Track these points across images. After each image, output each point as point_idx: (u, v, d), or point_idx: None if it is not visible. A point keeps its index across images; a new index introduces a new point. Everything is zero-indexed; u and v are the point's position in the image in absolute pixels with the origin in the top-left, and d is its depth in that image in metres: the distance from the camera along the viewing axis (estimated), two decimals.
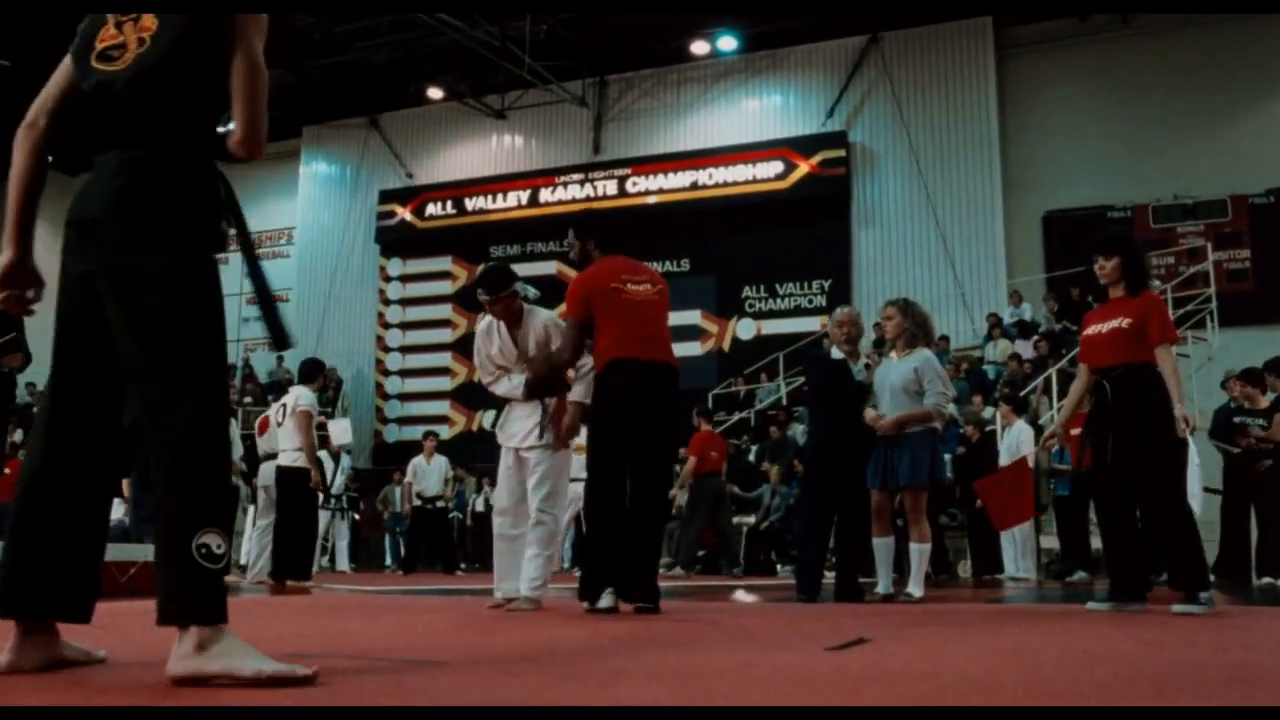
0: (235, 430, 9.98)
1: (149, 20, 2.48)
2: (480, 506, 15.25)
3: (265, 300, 2.60)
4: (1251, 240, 15.35)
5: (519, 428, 5.33)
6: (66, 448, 2.42)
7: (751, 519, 12.83)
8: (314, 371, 9.25)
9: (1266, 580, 8.89)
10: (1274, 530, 9.01)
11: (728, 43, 18.07)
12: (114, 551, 6.68)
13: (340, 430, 12.86)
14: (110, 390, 2.43)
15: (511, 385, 5.40)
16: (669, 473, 5.53)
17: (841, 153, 17.24)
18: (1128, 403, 5.18)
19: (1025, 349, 14.52)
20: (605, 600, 4.71)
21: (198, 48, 2.45)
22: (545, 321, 5.43)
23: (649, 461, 4.94)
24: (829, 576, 7.07)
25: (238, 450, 9.84)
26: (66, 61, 2.60)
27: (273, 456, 9.02)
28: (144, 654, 2.56)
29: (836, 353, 6.67)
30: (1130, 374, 5.20)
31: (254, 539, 9.70)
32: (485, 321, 5.59)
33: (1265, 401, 9.32)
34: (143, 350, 2.32)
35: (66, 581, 2.38)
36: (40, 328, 3.15)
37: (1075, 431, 10.07)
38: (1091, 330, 5.42)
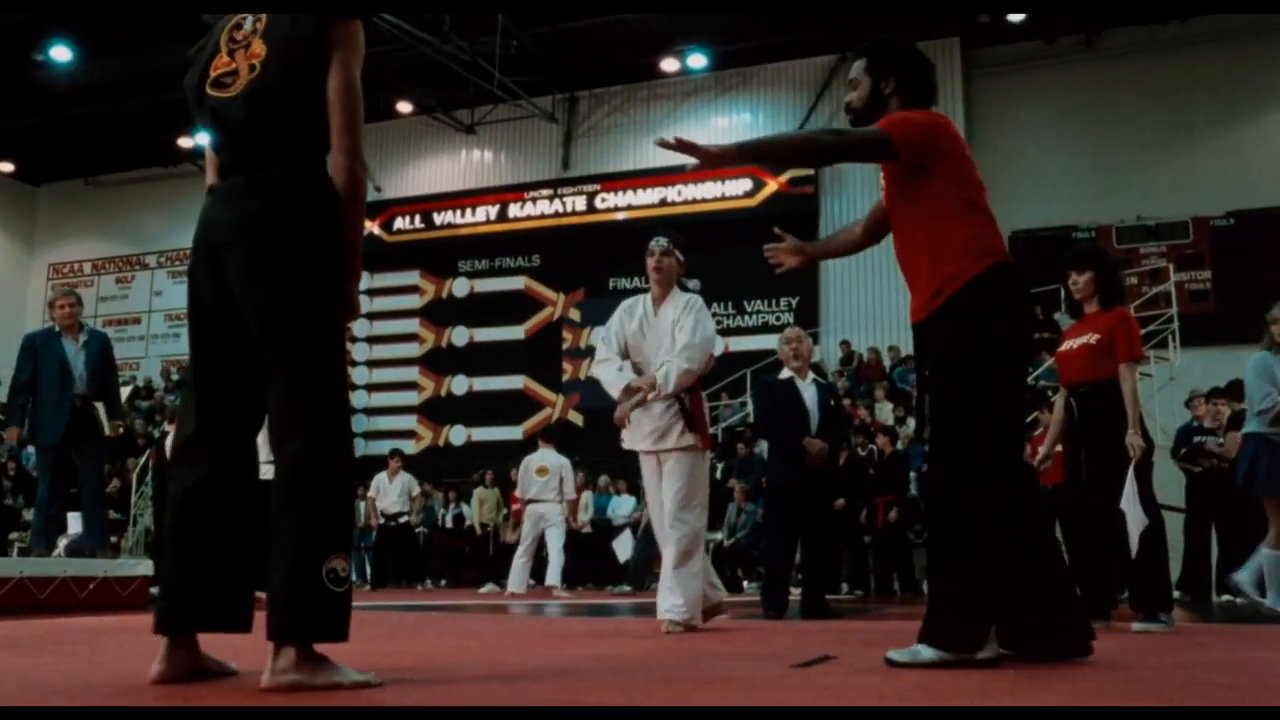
0: None
1: (258, 46, 2.57)
2: (449, 522, 15.17)
3: None
4: (1212, 262, 15.56)
5: (654, 426, 4.91)
6: (218, 462, 2.53)
7: (718, 536, 12.83)
8: None
9: (1226, 598, 8.98)
10: (1235, 549, 9.11)
11: (698, 60, 18.15)
12: (74, 567, 6.60)
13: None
14: (250, 405, 2.56)
15: (619, 375, 4.93)
16: None
17: (810, 171, 17.32)
18: (1094, 420, 5.21)
19: None
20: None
21: (310, 72, 2.53)
22: (687, 301, 5.07)
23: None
24: (795, 594, 7.08)
25: None
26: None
27: None
28: (116, 671, 2.53)
29: (785, 372, 6.77)
30: (1096, 391, 5.21)
31: None
32: (631, 300, 5.26)
33: (1226, 420, 9.45)
34: (278, 364, 2.46)
35: (228, 594, 2.54)
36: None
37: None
38: (1064, 346, 5.44)
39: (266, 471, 2.42)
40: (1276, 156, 15.55)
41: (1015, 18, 16.22)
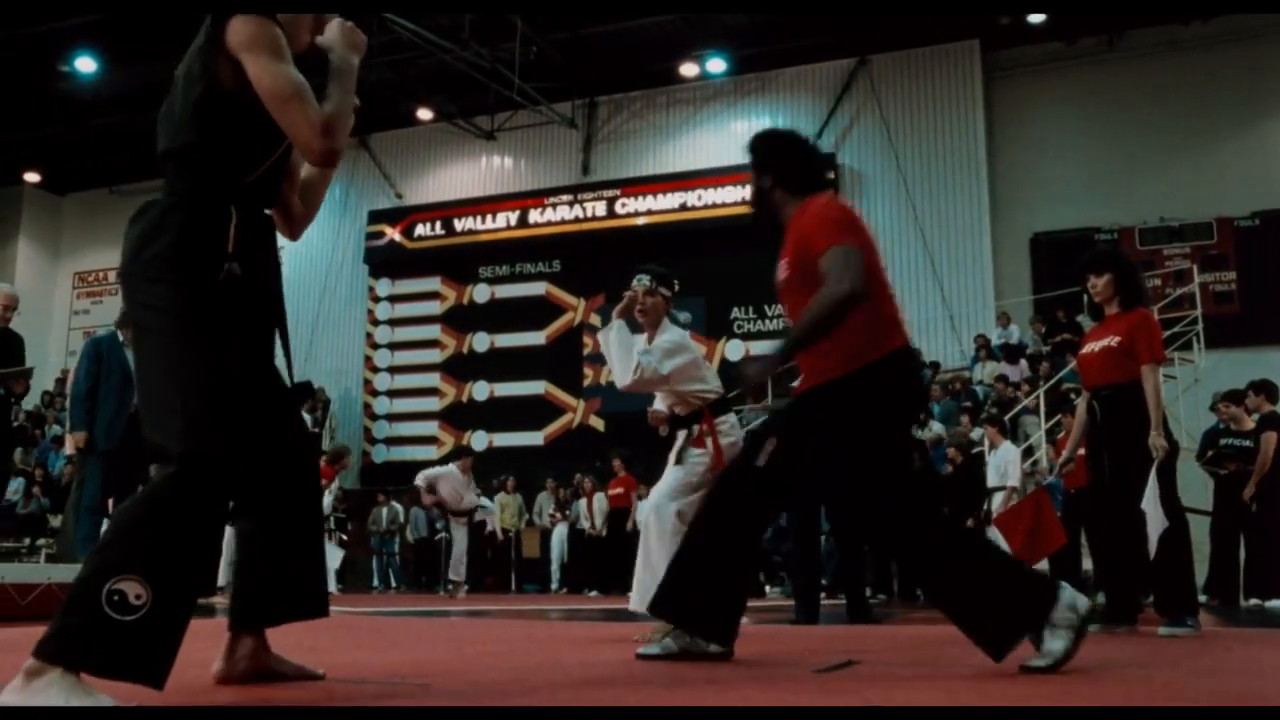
0: None
1: (185, 66, 2.54)
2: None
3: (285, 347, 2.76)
4: (1237, 262, 15.44)
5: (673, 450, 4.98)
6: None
7: None
8: (303, 393, 9.17)
9: (1254, 602, 8.91)
10: (1262, 552, 9.04)
11: (717, 65, 18.15)
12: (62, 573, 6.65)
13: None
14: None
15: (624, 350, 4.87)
16: None
17: (830, 175, 17.30)
18: (1116, 422, 5.15)
19: (1012, 371, 14.55)
20: None
21: (205, 81, 2.44)
22: (667, 335, 4.96)
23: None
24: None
25: None
26: None
27: None
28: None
29: None
30: (1119, 394, 5.14)
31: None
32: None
33: (1251, 422, 9.36)
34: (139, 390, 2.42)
35: (297, 584, 2.67)
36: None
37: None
38: (1085, 349, 5.38)
39: None
40: None
41: (1036, 19, 16.16)
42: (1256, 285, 15.15)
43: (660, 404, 5.11)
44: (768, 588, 12.30)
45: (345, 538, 12.89)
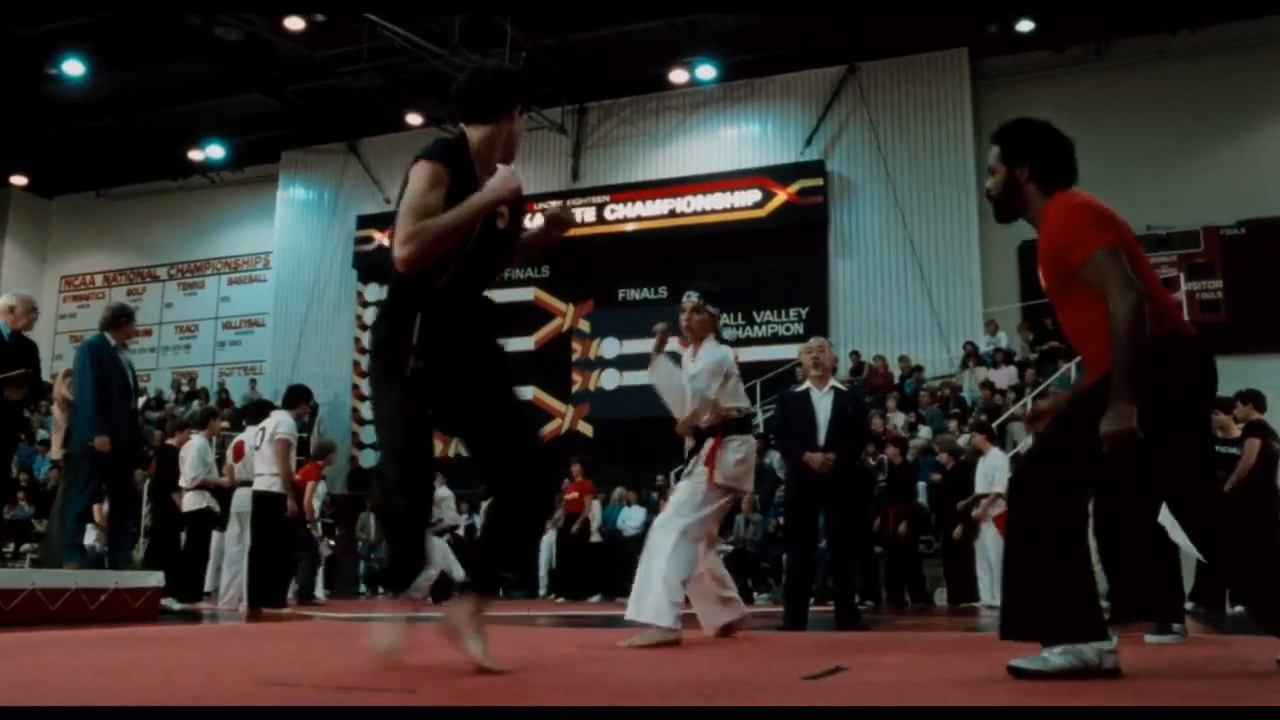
0: (212, 454, 9.89)
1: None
2: (461, 532, 15.16)
3: None
4: (1223, 271, 15.51)
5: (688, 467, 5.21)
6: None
7: (729, 547, 12.81)
8: (297, 397, 9.10)
9: (1240, 609, 8.93)
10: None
11: (706, 71, 18.18)
12: (86, 578, 6.62)
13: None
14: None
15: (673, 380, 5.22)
16: None
17: (819, 181, 17.34)
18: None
19: (1000, 378, 14.59)
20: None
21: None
22: (711, 355, 5.13)
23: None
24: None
25: (214, 472, 9.75)
26: None
27: (248, 483, 8.93)
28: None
29: (805, 383, 6.76)
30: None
31: (226, 566, 9.62)
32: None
33: (1238, 430, 9.39)
34: None
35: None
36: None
37: None
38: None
39: (262, 484, 2.45)
40: None
41: (1024, 27, 16.23)
42: (1242, 294, 15.22)
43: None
44: (756, 594, 12.30)
45: (333, 543, 12.85)
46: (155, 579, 7.10)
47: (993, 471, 10.44)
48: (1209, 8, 15.37)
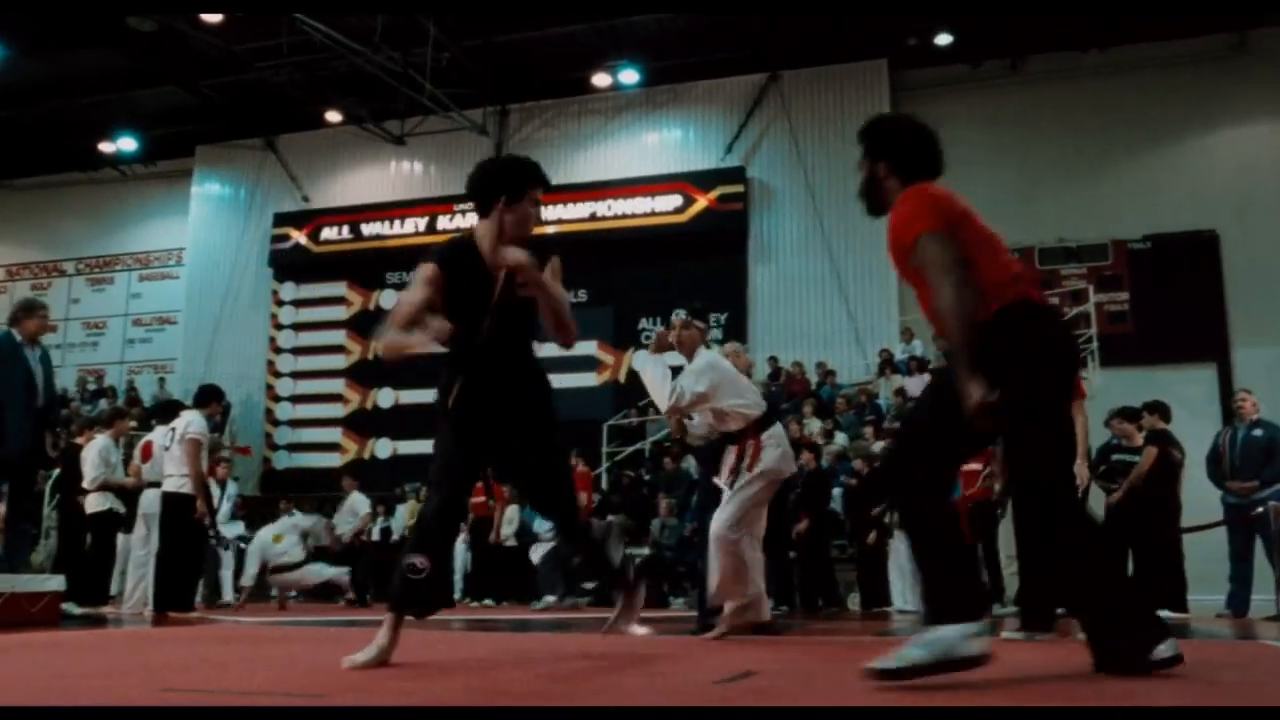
0: (116, 455, 9.64)
1: None
2: (376, 535, 14.97)
3: None
4: (1130, 284, 15.94)
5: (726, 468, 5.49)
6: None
7: (645, 550, 12.83)
8: (208, 397, 8.91)
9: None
10: (1149, 566, 9.29)
11: (629, 76, 18.21)
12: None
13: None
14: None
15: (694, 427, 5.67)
16: None
17: (740, 188, 17.46)
18: None
19: (914, 385, 14.79)
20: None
21: None
22: (699, 359, 5.59)
23: None
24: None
25: (118, 473, 9.50)
26: None
27: (155, 484, 8.72)
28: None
29: None
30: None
31: (132, 569, 9.38)
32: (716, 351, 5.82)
33: (1141, 439, 9.64)
34: None
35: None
36: None
37: (968, 467, 10.37)
38: None
39: (171, 485, 2.37)
40: (1190, 183, 15.98)
41: (942, 41, 16.52)
42: (1148, 306, 15.66)
43: (699, 421, 5.65)
44: (671, 598, 12.32)
45: (243, 546, 12.59)
46: (55, 583, 6.91)
47: None
48: (1121, 25, 15.80)
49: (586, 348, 17.11)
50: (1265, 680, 3.32)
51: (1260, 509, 9.21)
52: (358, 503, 13.87)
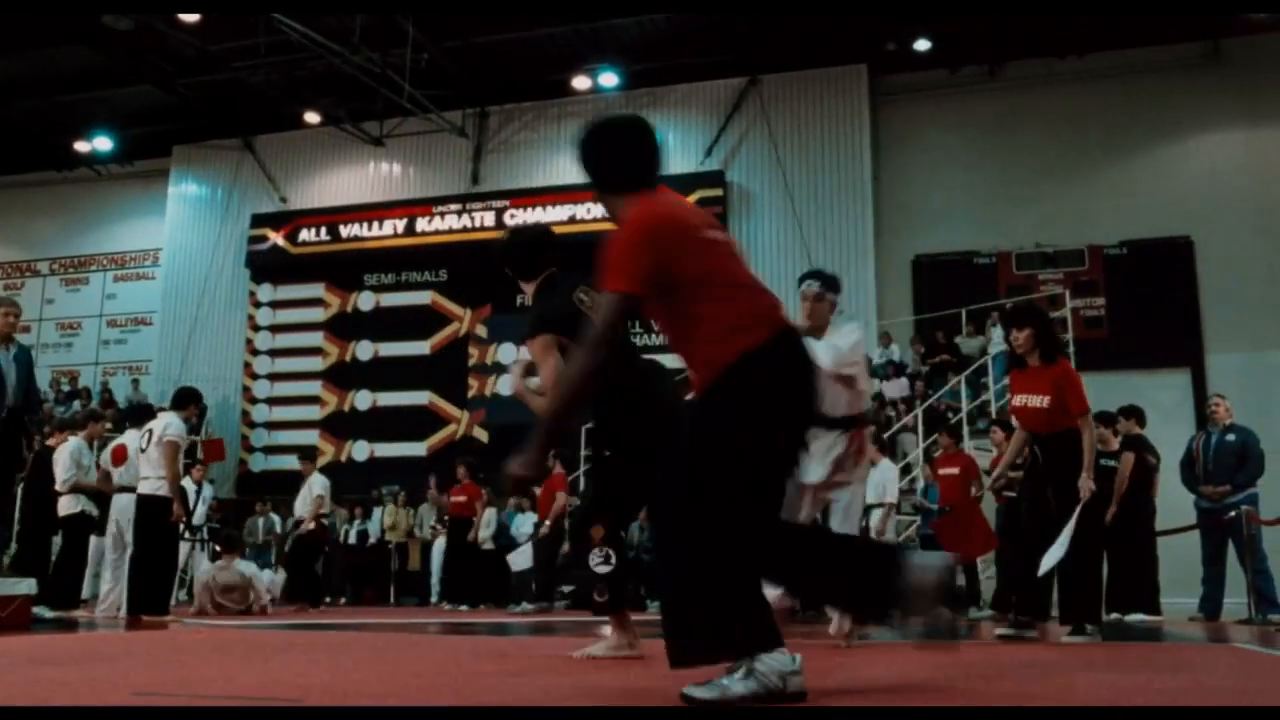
0: (89, 457, 9.57)
1: None
2: (353, 538, 14.94)
3: None
4: (1106, 289, 16.04)
5: (819, 461, 4.79)
6: None
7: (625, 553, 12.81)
8: (186, 399, 8.86)
9: (1115, 616, 9.23)
10: (1122, 569, 9.36)
11: (609, 79, 18.19)
12: None
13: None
14: None
15: None
16: None
17: (719, 192, 17.47)
18: (1057, 465, 5.86)
19: (892, 389, 14.86)
20: None
21: None
22: (848, 329, 5.17)
23: None
24: None
25: (90, 475, 9.42)
26: None
27: (129, 489, 8.64)
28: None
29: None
30: (1057, 442, 5.87)
31: (108, 573, 9.30)
32: None
33: (1116, 443, 9.71)
34: None
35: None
36: None
37: (943, 471, 10.43)
38: (1019, 401, 6.09)
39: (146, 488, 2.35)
40: (1167, 189, 16.08)
41: (921, 46, 16.59)
42: (1123, 312, 15.77)
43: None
44: (648, 601, 12.30)
45: (218, 549, 12.50)
46: (26, 586, 6.84)
47: (884, 482, 10.58)
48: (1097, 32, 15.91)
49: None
50: (1238, 682, 3.34)
51: (1233, 513, 9.29)
52: (315, 483, 13.57)
